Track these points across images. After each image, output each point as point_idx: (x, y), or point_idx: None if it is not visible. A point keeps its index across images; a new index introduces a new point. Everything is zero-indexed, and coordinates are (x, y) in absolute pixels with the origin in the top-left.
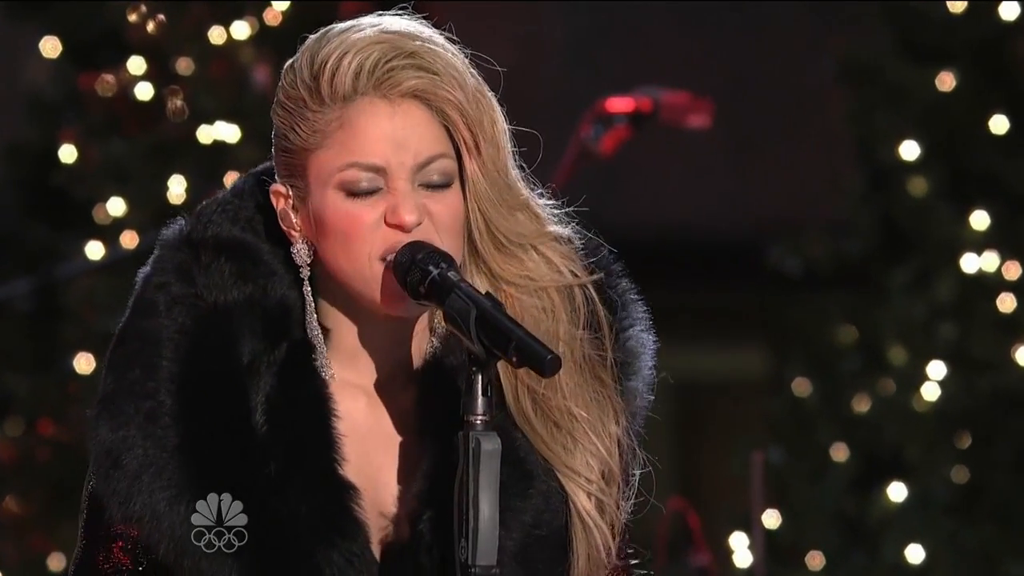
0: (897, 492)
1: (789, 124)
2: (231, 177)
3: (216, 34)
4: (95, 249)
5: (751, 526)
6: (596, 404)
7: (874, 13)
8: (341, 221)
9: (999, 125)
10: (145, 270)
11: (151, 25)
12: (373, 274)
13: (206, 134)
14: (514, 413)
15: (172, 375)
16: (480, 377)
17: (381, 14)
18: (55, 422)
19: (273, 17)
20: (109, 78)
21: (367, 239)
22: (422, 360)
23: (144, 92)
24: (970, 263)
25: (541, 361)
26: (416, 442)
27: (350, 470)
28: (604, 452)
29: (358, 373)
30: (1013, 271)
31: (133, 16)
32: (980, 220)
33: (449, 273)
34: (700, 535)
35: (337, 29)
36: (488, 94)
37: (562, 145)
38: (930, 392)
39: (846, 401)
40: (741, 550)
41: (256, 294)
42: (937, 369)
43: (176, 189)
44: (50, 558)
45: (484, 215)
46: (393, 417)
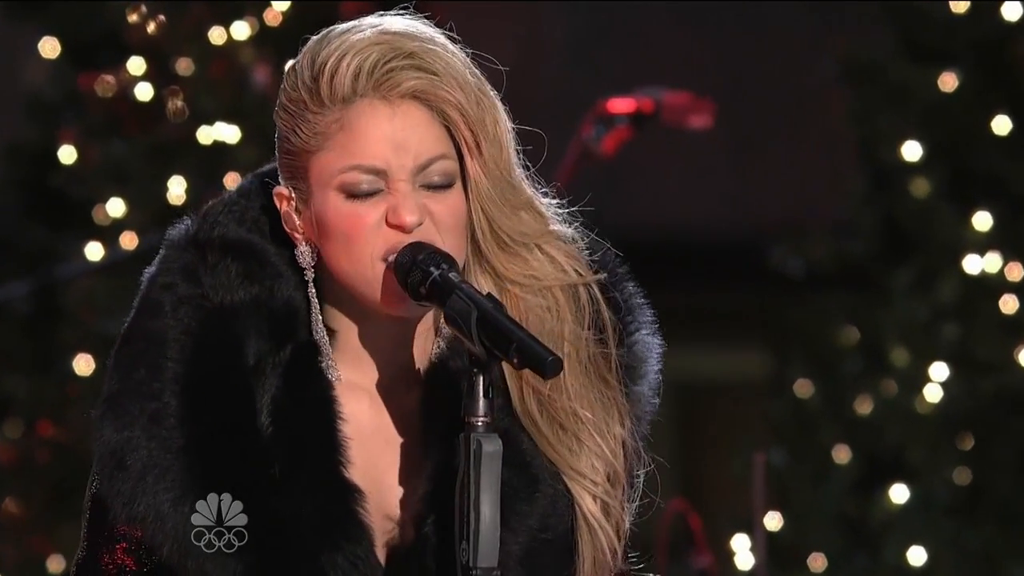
0: (899, 494)
1: (790, 124)
2: (231, 178)
3: (216, 34)
4: (94, 250)
5: (753, 528)
6: (601, 405)
7: (876, 13)
8: (342, 222)
9: (1001, 126)
10: (151, 270)
11: (151, 25)
12: (375, 275)
13: (206, 135)
14: (520, 415)
15: (177, 376)
16: (481, 378)
17: (382, 14)
18: (54, 423)
19: (273, 17)
20: (109, 78)
21: (368, 240)
22: (427, 362)
23: (144, 92)
24: (972, 264)
25: (542, 362)
26: (421, 444)
27: (355, 473)
28: (609, 454)
29: (363, 375)
30: (1016, 272)
31: (133, 16)
32: (982, 221)
33: (450, 274)
34: (701, 537)
35: (338, 30)
36: (490, 93)
37: (562, 145)
38: (932, 393)
39: (848, 402)
40: (743, 552)
41: (262, 295)
42: (939, 370)
43: (176, 190)
44: (50, 560)
45: (487, 215)
46: (398, 419)
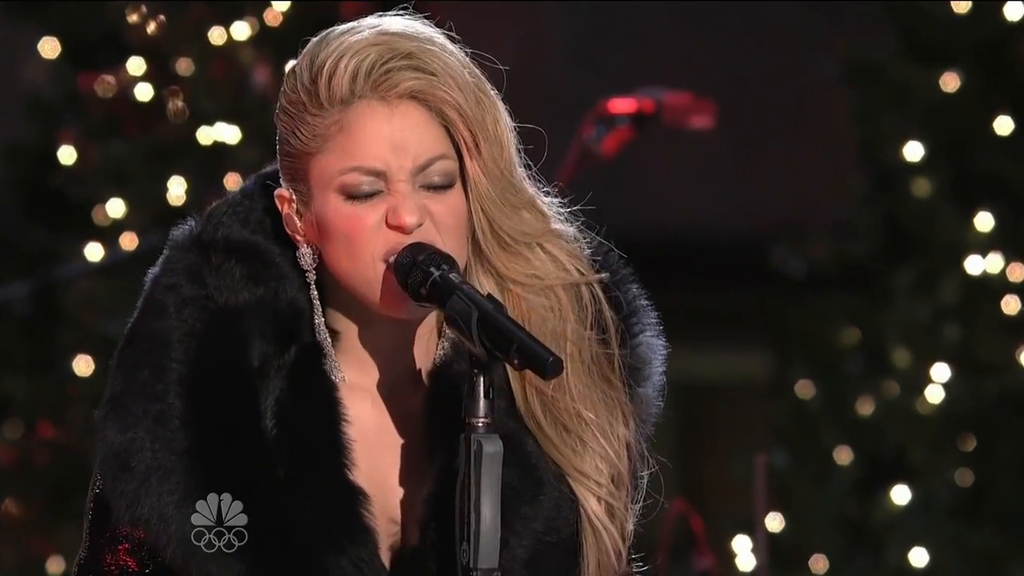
0: (901, 495)
1: (792, 125)
2: (231, 179)
3: (216, 35)
4: (94, 251)
5: (754, 529)
6: (604, 406)
7: (877, 13)
8: (343, 224)
9: (1003, 126)
10: (154, 271)
11: (151, 25)
12: (375, 276)
13: (206, 135)
14: (524, 416)
15: (181, 377)
16: (482, 379)
17: (382, 15)
18: (54, 424)
19: (273, 18)
20: (109, 79)
21: (369, 242)
22: (431, 364)
23: (144, 93)
24: (974, 265)
25: (542, 363)
26: (425, 447)
27: (359, 475)
28: (613, 455)
29: (366, 376)
30: (1018, 273)
31: (133, 16)
32: (984, 222)
33: (451, 275)
34: (703, 538)
35: (336, 32)
36: (491, 92)
37: (562, 145)
38: (934, 394)
39: (849, 403)
40: (744, 553)
41: (267, 296)
42: (941, 371)
43: (176, 190)
44: (49, 561)
45: (487, 215)
46: (402, 421)
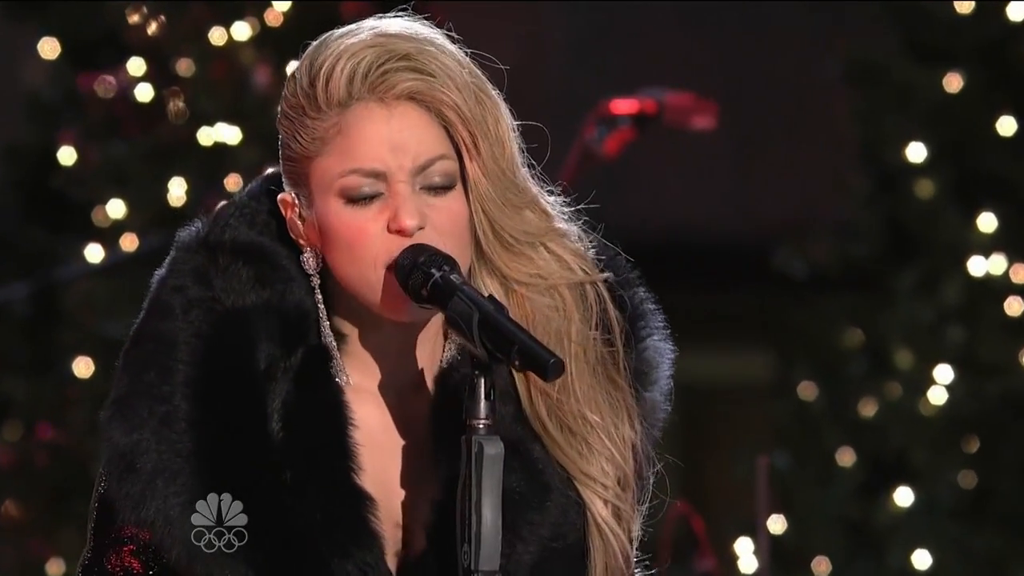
0: (903, 497)
1: (793, 125)
2: (232, 179)
3: (216, 35)
4: (94, 252)
5: (756, 531)
6: (609, 407)
7: (879, 13)
8: (344, 227)
9: (1006, 127)
10: (160, 272)
11: (151, 26)
12: (376, 279)
13: (206, 136)
14: (531, 419)
15: (188, 379)
16: (483, 381)
17: (382, 16)
18: (54, 426)
19: (274, 18)
20: (109, 79)
21: (370, 244)
22: (437, 367)
23: (144, 93)
24: (977, 266)
25: (543, 364)
26: (431, 450)
27: (366, 479)
28: (619, 457)
29: (372, 379)
30: (1021, 274)
31: (133, 17)
32: (987, 222)
33: (451, 276)
34: (705, 540)
35: (335, 35)
36: (491, 92)
37: (563, 145)
38: (937, 396)
39: (852, 405)
40: (746, 555)
41: (273, 299)
42: (944, 373)
43: (176, 191)
44: (49, 563)
45: (488, 216)
46: (408, 424)
